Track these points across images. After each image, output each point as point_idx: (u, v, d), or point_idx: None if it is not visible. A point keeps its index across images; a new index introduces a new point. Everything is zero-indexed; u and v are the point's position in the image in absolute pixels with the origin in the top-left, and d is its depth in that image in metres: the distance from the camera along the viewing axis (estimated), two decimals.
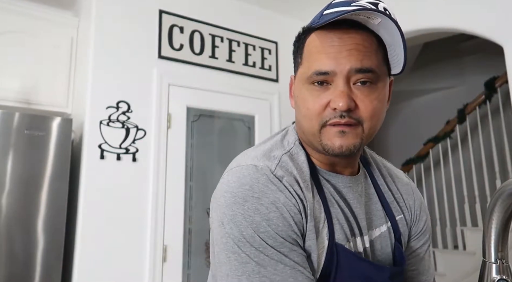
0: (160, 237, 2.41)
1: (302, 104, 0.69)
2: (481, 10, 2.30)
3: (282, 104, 3.10)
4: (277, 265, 0.61)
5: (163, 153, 2.52)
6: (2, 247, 2.01)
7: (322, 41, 0.67)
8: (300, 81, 0.70)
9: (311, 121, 0.68)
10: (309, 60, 0.68)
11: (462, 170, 3.70)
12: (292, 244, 0.63)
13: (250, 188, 0.64)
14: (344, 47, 0.65)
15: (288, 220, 0.63)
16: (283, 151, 0.71)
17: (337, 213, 0.70)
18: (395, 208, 0.80)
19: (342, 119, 0.65)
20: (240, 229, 0.62)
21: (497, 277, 0.56)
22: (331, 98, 0.65)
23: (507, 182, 0.55)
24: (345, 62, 0.64)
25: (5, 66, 2.48)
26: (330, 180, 0.73)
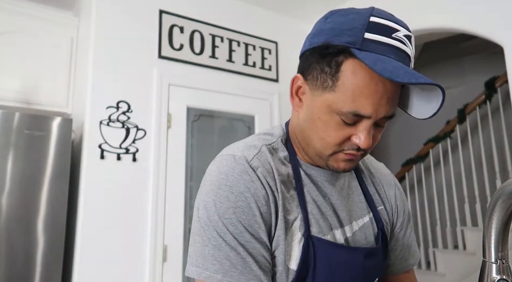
0: (160, 237, 2.41)
1: (321, 127, 0.69)
2: (481, 10, 2.30)
3: (282, 104, 3.10)
4: (230, 251, 0.64)
5: (163, 153, 2.52)
6: (2, 247, 2.01)
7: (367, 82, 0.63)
8: (327, 106, 0.67)
9: (327, 145, 0.69)
10: (347, 95, 0.64)
11: (462, 170, 3.70)
12: (251, 235, 0.66)
13: (225, 177, 0.67)
14: (386, 95, 0.64)
15: (253, 210, 0.66)
16: (264, 142, 0.74)
17: (313, 208, 0.73)
18: (376, 199, 0.84)
19: (358, 152, 0.69)
20: (209, 214, 0.66)
21: (497, 277, 0.56)
22: (356, 133, 0.67)
23: (507, 182, 0.55)
24: (382, 111, 0.65)
25: (5, 66, 2.48)
26: (311, 174, 0.76)
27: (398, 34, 0.64)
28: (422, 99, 0.67)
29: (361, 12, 0.66)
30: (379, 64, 0.61)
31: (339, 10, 0.70)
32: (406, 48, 0.65)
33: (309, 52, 0.70)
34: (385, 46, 0.63)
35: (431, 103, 0.64)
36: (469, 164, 3.78)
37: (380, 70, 0.60)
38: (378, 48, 0.63)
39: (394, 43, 0.64)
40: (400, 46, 0.64)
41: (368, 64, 0.61)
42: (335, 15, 0.69)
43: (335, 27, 0.66)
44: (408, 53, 0.65)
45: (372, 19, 0.64)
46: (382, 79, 0.63)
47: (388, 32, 0.64)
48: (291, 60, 3.27)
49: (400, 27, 0.65)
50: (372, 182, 0.86)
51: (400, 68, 0.61)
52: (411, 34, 0.67)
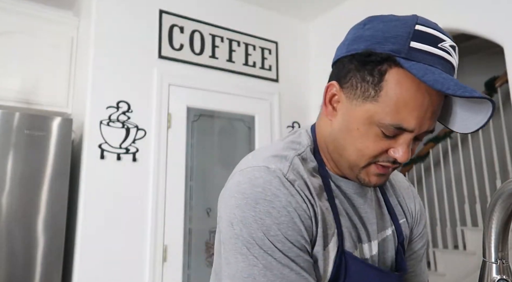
0: (160, 237, 2.41)
1: (359, 138, 0.65)
2: (481, 10, 2.30)
3: (282, 104, 3.10)
4: (283, 269, 0.61)
5: (163, 153, 2.52)
6: (2, 247, 2.01)
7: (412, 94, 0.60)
8: (367, 117, 0.63)
9: (363, 157, 0.66)
10: (390, 107, 0.61)
11: (462, 170, 3.70)
12: (300, 249, 0.62)
13: (262, 191, 0.63)
14: (430, 108, 0.61)
15: (298, 225, 0.63)
16: (295, 153, 0.70)
17: (345, 220, 0.70)
18: (398, 211, 0.82)
19: (393, 165, 0.66)
20: (250, 231, 0.62)
21: (497, 277, 0.56)
22: (394, 146, 0.64)
23: (507, 182, 0.55)
24: (425, 125, 0.62)
25: (5, 66, 2.48)
26: (340, 186, 0.73)
27: (444, 44, 0.61)
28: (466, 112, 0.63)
29: (405, 20, 0.63)
30: (429, 75, 0.57)
31: (379, 16, 0.66)
32: (452, 59, 0.62)
33: (348, 59, 0.65)
34: (432, 56, 0.60)
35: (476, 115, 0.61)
36: (469, 164, 3.78)
37: (431, 82, 0.56)
38: (425, 59, 0.60)
39: (441, 54, 0.60)
40: (447, 57, 0.61)
41: (416, 75, 0.58)
42: (375, 21, 0.65)
43: (377, 34, 0.62)
44: (454, 65, 0.62)
45: (417, 27, 0.61)
46: (429, 91, 0.60)
47: (434, 42, 0.61)
48: (291, 60, 3.27)
49: (445, 37, 0.62)
50: (394, 194, 0.83)
51: (450, 80, 0.57)
52: (455, 45, 0.64)
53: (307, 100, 3.29)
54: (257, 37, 3.07)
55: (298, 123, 3.20)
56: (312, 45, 3.38)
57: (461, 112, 0.64)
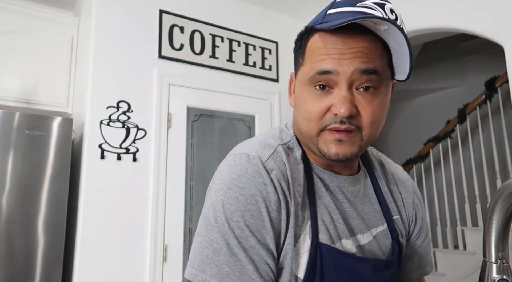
0: (160, 237, 2.41)
1: (302, 106, 0.68)
2: (482, 9, 2.30)
3: (282, 104, 3.10)
4: (231, 257, 0.61)
5: (164, 153, 2.52)
6: (2, 247, 2.01)
7: (325, 43, 0.65)
8: (301, 82, 0.69)
9: (310, 123, 0.67)
10: (311, 61, 0.66)
11: (462, 170, 3.70)
12: (258, 240, 0.62)
13: (237, 177, 0.64)
14: (348, 50, 0.63)
15: (263, 215, 0.63)
16: (280, 141, 0.71)
17: (323, 214, 0.69)
18: (392, 208, 0.80)
19: (342, 125, 0.64)
20: (216, 214, 0.63)
21: (498, 277, 0.56)
22: (333, 103, 0.64)
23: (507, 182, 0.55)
24: (349, 64, 0.63)
25: (5, 66, 2.48)
26: (324, 178, 0.73)
27: (364, 3, 0.63)
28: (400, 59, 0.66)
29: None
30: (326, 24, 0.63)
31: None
32: (374, 11, 0.62)
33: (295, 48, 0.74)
34: (346, 14, 0.62)
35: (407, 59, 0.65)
36: (469, 164, 3.78)
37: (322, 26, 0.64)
38: (338, 17, 0.63)
39: (357, 9, 0.62)
40: (366, 11, 0.62)
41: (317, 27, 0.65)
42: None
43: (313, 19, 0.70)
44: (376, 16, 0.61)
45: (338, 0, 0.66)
46: (342, 38, 0.64)
47: (352, 4, 0.63)
48: (291, 60, 3.26)
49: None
50: (389, 189, 0.82)
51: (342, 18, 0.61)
52: (384, 2, 0.64)
53: None
54: (257, 37, 3.07)
55: None
56: None
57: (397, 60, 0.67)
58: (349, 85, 0.64)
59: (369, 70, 0.63)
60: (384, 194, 0.80)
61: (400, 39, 0.63)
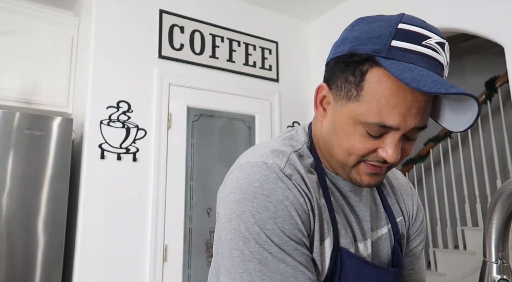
0: (160, 237, 2.42)
1: (345, 138, 0.65)
2: (482, 9, 2.30)
3: (282, 104, 3.10)
4: (279, 264, 0.60)
5: (164, 153, 2.52)
6: (3, 247, 2.01)
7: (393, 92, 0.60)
8: (352, 117, 0.64)
9: (350, 156, 0.66)
10: (372, 105, 0.61)
11: (462, 170, 3.70)
12: (297, 243, 0.62)
13: (259, 185, 0.63)
14: (415, 104, 0.60)
15: (295, 218, 0.63)
16: (292, 149, 0.70)
17: (340, 218, 0.70)
18: (396, 210, 0.82)
19: (383, 164, 0.65)
20: (247, 226, 0.62)
21: (498, 277, 0.56)
22: (382, 146, 0.63)
23: (507, 182, 0.55)
24: (411, 122, 0.61)
25: (5, 66, 2.48)
26: (336, 183, 0.73)
27: (429, 41, 0.60)
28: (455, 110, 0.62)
29: (389, 19, 0.62)
30: (406, 73, 0.57)
31: (367, 17, 0.66)
32: (438, 56, 0.60)
33: (334, 61, 0.67)
34: (414, 54, 0.59)
35: (465, 114, 0.60)
36: (469, 164, 3.78)
37: (407, 80, 0.56)
38: (406, 57, 0.59)
39: (425, 51, 0.59)
40: (431, 54, 0.60)
41: (394, 73, 0.57)
42: (362, 23, 0.65)
43: (361, 35, 0.63)
44: (441, 61, 0.61)
45: (400, 26, 0.60)
46: (411, 89, 0.58)
47: (418, 40, 0.60)
48: (291, 60, 3.27)
49: (432, 33, 0.60)
50: (391, 192, 0.83)
51: (429, 77, 0.56)
52: (444, 41, 0.62)
53: (307, 100, 3.29)
54: (258, 37, 3.07)
55: (298, 123, 3.20)
56: (312, 45, 3.38)
57: (451, 109, 0.63)
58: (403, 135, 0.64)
59: (421, 127, 0.63)
60: (387, 196, 0.82)
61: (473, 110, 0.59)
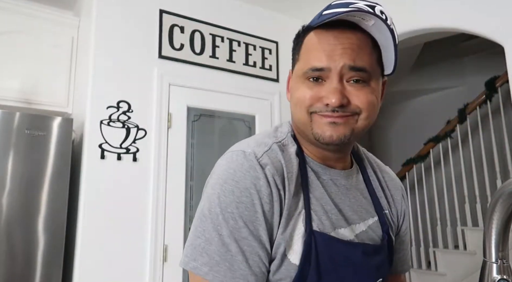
0: (160, 237, 2.42)
1: (294, 95, 0.74)
2: (482, 9, 2.30)
3: (282, 104, 3.10)
4: (222, 247, 0.64)
5: (164, 153, 2.52)
6: (3, 247, 2.01)
7: (319, 39, 0.70)
8: (297, 76, 0.74)
9: (300, 108, 0.72)
10: (306, 57, 0.72)
11: (462, 170, 3.70)
12: (250, 231, 0.65)
13: (233, 172, 0.68)
14: (340, 46, 0.68)
15: (256, 207, 0.66)
16: (275, 140, 0.75)
17: (316, 205, 0.73)
18: (383, 203, 0.85)
19: (335, 114, 0.69)
20: (210, 206, 0.67)
21: (498, 277, 0.56)
22: (324, 94, 0.69)
23: (507, 182, 0.55)
24: (339, 59, 0.68)
25: (5, 66, 2.48)
26: (317, 171, 0.76)
27: (357, 5, 0.66)
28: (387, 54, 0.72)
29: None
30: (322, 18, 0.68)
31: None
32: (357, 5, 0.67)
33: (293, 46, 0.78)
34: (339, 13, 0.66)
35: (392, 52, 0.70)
36: (469, 164, 3.78)
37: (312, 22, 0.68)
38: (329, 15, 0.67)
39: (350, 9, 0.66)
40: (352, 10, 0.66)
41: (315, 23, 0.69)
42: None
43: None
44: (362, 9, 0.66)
45: (334, 2, 0.70)
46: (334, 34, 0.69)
47: (345, 5, 0.66)
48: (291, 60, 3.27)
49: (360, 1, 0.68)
50: (379, 185, 0.87)
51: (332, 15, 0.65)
52: (374, 4, 0.68)
53: None
54: (258, 37, 3.07)
55: None
56: None
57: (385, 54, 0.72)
58: (340, 78, 0.69)
59: (357, 67, 0.68)
60: (375, 190, 0.85)
61: (386, 32, 0.68)
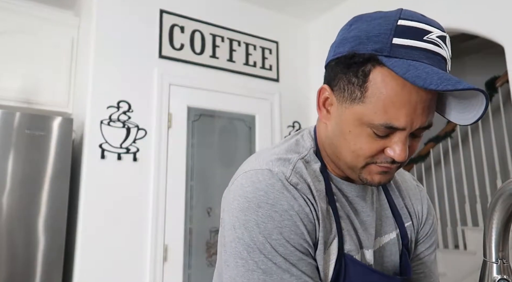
0: (160, 237, 2.42)
1: (352, 139, 0.64)
2: (482, 10, 2.30)
3: (282, 104, 3.10)
4: (283, 274, 0.60)
5: (164, 153, 2.52)
6: (3, 247, 2.01)
7: (398, 92, 0.58)
8: (357, 118, 0.62)
9: (358, 158, 0.64)
10: (378, 106, 0.60)
11: (463, 170, 3.69)
12: (302, 253, 0.62)
13: (265, 194, 0.62)
14: (420, 104, 0.59)
15: (300, 228, 0.62)
16: (298, 156, 0.69)
17: (346, 224, 0.69)
18: (404, 214, 0.80)
19: (392, 165, 0.64)
20: (252, 235, 0.61)
21: (498, 276, 0.55)
22: (390, 146, 0.62)
23: (507, 181, 0.55)
24: (417, 122, 0.60)
25: (5, 66, 2.48)
26: (342, 189, 0.72)
27: (431, 36, 0.59)
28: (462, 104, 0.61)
29: (388, 16, 0.61)
30: (411, 71, 0.56)
31: (364, 15, 0.65)
32: (440, 50, 0.59)
33: (334, 62, 0.65)
34: (416, 50, 0.58)
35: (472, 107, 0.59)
36: (469, 164, 3.78)
37: (412, 78, 0.55)
38: (408, 54, 0.58)
39: (427, 46, 0.58)
40: (434, 49, 0.59)
41: (398, 72, 0.56)
42: (360, 21, 0.64)
43: (360, 35, 0.62)
44: (444, 56, 0.60)
45: (400, 23, 0.59)
46: (416, 87, 0.57)
47: (419, 35, 0.59)
48: (291, 60, 3.27)
49: (432, 28, 0.60)
50: (400, 195, 0.81)
51: (434, 73, 0.55)
52: (445, 35, 0.61)
53: (308, 100, 3.29)
54: (258, 37, 3.07)
55: (298, 123, 3.20)
56: (312, 45, 3.38)
57: (457, 103, 0.62)
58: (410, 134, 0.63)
59: (428, 125, 0.62)
60: (395, 200, 0.80)
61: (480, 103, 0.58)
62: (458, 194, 3.78)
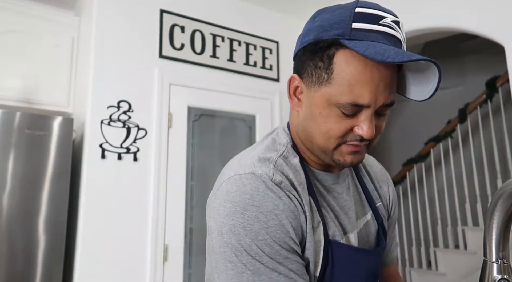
0: (161, 237, 2.42)
1: (323, 121, 0.68)
2: (482, 9, 2.30)
3: (283, 104, 3.10)
4: (271, 273, 0.63)
5: (164, 153, 2.52)
6: (3, 247, 2.01)
7: (361, 70, 0.63)
8: (325, 100, 0.67)
9: (330, 139, 0.68)
10: (343, 86, 0.64)
11: (463, 170, 3.69)
12: (288, 251, 0.64)
13: (250, 197, 0.65)
14: (383, 81, 0.64)
15: (286, 227, 0.65)
16: (277, 154, 0.72)
17: (328, 212, 0.73)
18: (375, 196, 0.86)
19: (361, 143, 0.68)
20: (239, 238, 0.64)
21: (498, 276, 0.56)
22: (357, 124, 0.66)
23: (508, 181, 0.55)
24: (381, 99, 0.65)
25: (6, 66, 2.48)
26: (320, 179, 0.76)
27: (386, 20, 0.65)
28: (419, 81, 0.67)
29: (347, 6, 0.67)
30: (370, 49, 0.61)
31: (326, 8, 0.71)
32: (395, 32, 0.65)
33: (301, 51, 0.71)
34: (374, 33, 0.64)
35: (428, 83, 0.65)
36: (470, 164, 3.78)
37: (372, 55, 0.60)
38: (367, 36, 0.63)
39: (383, 29, 0.64)
40: (390, 31, 0.65)
41: (359, 51, 0.61)
42: (322, 13, 0.70)
43: (323, 24, 0.67)
44: (399, 37, 0.66)
45: (357, 10, 0.65)
46: (376, 65, 0.63)
47: (375, 20, 0.64)
48: (292, 60, 3.26)
49: (387, 14, 0.66)
50: (370, 179, 0.88)
51: (391, 50, 0.60)
52: (398, 19, 0.67)
53: None
54: (258, 37, 3.07)
55: None
56: None
57: (414, 81, 0.67)
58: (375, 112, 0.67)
59: (390, 103, 0.67)
60: (366, 184, 0.86)
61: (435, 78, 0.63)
62: (459, 194, 3.78)
